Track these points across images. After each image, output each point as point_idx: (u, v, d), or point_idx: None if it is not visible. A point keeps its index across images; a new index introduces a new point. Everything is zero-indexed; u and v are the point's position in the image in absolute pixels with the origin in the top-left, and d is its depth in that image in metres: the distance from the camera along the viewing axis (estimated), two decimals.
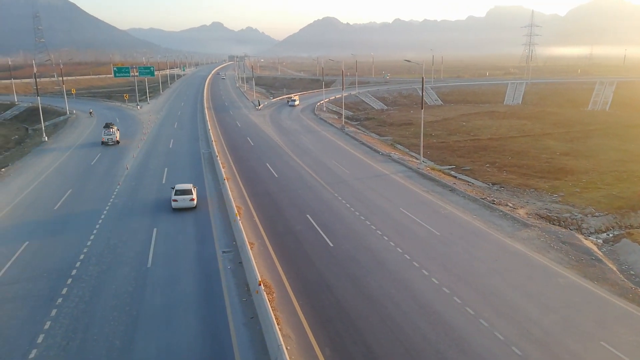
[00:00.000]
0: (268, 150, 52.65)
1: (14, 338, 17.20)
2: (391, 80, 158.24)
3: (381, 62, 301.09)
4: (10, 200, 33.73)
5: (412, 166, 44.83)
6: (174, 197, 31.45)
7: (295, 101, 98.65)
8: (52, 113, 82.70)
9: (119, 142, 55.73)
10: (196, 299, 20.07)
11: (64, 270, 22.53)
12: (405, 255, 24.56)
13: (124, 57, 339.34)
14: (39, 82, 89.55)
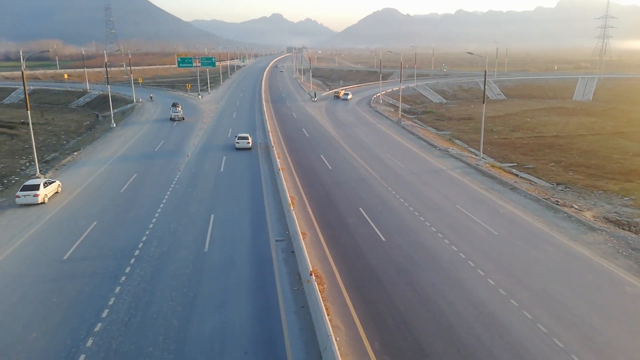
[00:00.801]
0: (323, 141, 52.84)
1: (82, 311, 18.38)
2: (451, 73, 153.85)
3: (442, 54, 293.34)
4: (82, 182, 35.95)
5: (471, 162, 43.48)
6: (237, 141, 47.66)
7: (348, 95, 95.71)
8: (120, 101, 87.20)
9: (184, 118, 66.53)
10: (249, 285, 20.57)
11: (127, 250, 23.79)
12: (460, 254, 23.91)
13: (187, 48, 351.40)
14: (109, 72, 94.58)
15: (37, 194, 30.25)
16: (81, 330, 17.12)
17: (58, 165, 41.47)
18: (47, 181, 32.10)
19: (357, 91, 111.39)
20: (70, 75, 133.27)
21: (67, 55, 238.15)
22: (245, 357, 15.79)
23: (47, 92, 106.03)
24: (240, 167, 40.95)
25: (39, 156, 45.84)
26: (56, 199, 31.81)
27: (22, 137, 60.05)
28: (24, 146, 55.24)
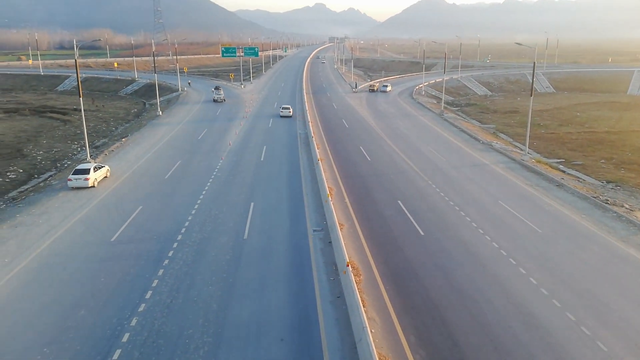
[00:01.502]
0: (362, 133, 52.58)
1: (127, 292, 19.22)
2: (497, 65, 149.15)
3: (488, 44, 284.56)
4: (129, 168, 37.35)
5: (515, 157, 42.19)
6: (281, 110, 60.01)
7: (387, 87, 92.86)
8: (166, 89, 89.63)
9: (225, 100, 74.35)
10: (287, 273, 20.88)
11: (171, 234, 24.61)
12: (501, 251, 23.37)
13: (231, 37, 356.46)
14: (156, 61, 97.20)
15: (87, 177, 31.69)
16: (126, 310, 17.91)
17: (107, 151, 43.21)
18: (97, 166, 33.55)
19: (399, 82, 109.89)
20: (119, 63, 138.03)
21: (117, 44, 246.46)
22: (281, 344, 16.10)
23: (98, 80, 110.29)
24: (280, 156, 41.39)
25: (90, 142, 47.87)
26: (105, 183, 33.22)
27: (74, 123, 62.86)
28: (76, 132, 57.84)
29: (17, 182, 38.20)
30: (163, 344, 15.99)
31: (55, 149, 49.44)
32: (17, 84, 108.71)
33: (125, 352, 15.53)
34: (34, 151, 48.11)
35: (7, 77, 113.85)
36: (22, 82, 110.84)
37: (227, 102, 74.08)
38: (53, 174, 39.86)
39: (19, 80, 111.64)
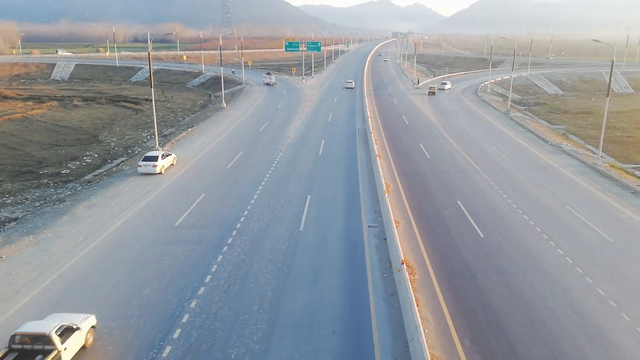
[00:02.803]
0: (423, 130, 51.60)
1: (188, 275, 20.11)
2: (571, 63, 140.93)
3: (562, 41, 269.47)
4: (194, 156, 38.91)
5: (587, 161, 39.81)
6: (346, 83, 79.25)
7: (446, 84, 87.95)
8: (231, 82, 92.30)
9: (275, 83, 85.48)
10: (341, 267, 20.99)
11: (231, 222, 25.44)
12: (566, 258, 22.22)
13: (294, 32, 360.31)
14: (222, 54, 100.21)
15: (155, 164, 33.37)
16: (187, 292, 18.76)
17: (174, 140, 45.22)
18: (164, 153, 35.22)
19: (463, 79, 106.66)
20: (188, 56, 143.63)
21: (186, 38, 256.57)
22: (332, 336, 16.25)
23: (167, 72, 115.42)
24: (338, 151, 41.52)
25: (159, 130, 50.30)
26: (171, 170, 34.83)
27: (145, 113, 66.28)
28: (146, 120, 60.99)
29: (93, 166, 40.92)
30: (219, 327, 16.62)
31: (127, 136, 52.40)
32: (95, 74, 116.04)
33: (184, 332, 16.29)
34: (108, 138, 51.28)
35: (87, 67, 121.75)
36: (99, 72, 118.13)
37: (288, 95, 75.17)
38: (124, 160, 42.32)
39: (97, 71, 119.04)
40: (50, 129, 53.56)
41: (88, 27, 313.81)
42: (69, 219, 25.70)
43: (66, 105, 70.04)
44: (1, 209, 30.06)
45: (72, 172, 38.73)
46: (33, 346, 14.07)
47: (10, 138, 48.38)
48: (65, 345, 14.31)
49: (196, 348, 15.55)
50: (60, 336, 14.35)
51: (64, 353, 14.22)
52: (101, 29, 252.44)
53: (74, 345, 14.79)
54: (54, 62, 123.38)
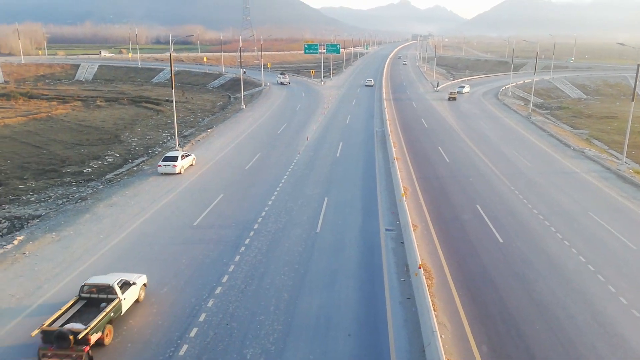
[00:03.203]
0: (442, 133, 51.18)
1: (206, 274, 20.29)
2: (595, 66, 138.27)
3: (586, 44, 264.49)
4: (213, 157, 39.27)
5: (611, 166, 38.97)
6: (366, 81, 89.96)
7: (464, 87, 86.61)
8: (250, 84, 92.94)
9: (289, 83, 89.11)
10: (357, 270, 20.93)
11: (248, 223, 25.59)
12: (588, 266, 21.77)
13: (313, 34, 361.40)
14: (242, 56, 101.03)
15: (175, 164, 33.78)
16: (204, 291, 18.93)
17: (194, 140, 45.72)
18: (184, 154, 35.64)
19: (484, 82, 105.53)
20: (208, 58, 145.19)
21: (207, 40, 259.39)
22: (348, 339, 16.20)
23: (188, 74, 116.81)
24: (356, 153, 41.45)
25: (179, 131, 50.93)
26: (191, 170, 35.22)
27: (165, 113, 67.19)
28: (167, 121, 61.80)
29: (114, 165, 41.63)
30: (236, 327, 16.72)
31: (148, 137, 53.18)
32: (117, 75, 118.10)
33: (201, 331, 16.43)
34: (130, 138, 52.11)
35: (110, 68, 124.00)
36: (122, 73, 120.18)
37: (306, 97, 75.35)
38: (145, 160, 42.95)
39: (120, 72, 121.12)
40: (74, 129, 54.68)
41: (111, 29, 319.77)
42: (91, 217, 26.18)
43: (89, 105, 71.47)
44: (25, 206, 30.79)
45: (94, 171, 39.47)
46: (98, 295, 16.67)
47: (35, 137, 49.54)
48: (125, 296, 16.84)
49: (212, 347, 15.67)
50: (121, 288, 16.90)
51: (124, 302, 16.76)
52: (124, 31, 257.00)
53: (131, 297, 17.37)
54: (78, 63, 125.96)
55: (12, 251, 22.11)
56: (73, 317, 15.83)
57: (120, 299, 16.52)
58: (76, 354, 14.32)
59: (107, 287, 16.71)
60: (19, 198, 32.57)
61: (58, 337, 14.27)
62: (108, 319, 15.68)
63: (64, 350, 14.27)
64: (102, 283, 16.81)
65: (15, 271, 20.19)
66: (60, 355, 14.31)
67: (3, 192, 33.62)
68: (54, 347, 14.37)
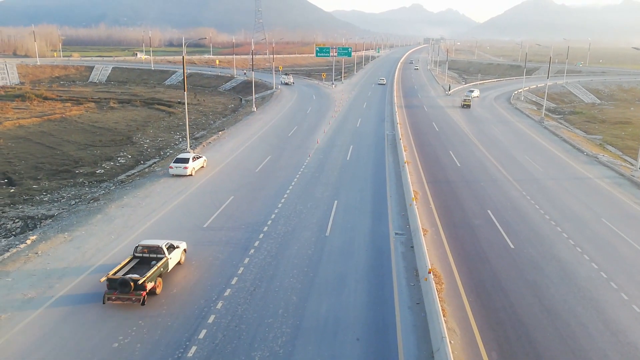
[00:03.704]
0: (453, 137, 50.91)
1: (215, 276, 20.37)
2: (610, 71, 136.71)
3: (600, 48, 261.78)
4: (224, 159, 39.47)
5: (625, 172, 38.46)
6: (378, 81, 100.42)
7: (473, 92, 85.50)
8: (261, 87, 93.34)
9: (293, 83, 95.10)
10: (366, 274, 20.87)
11: (258, 225, 25.67)
12: (601, 273, 21.49)
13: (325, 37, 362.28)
14: (253, 59, 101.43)
15: (186, 166, 34.01)
16: (213, 293, 19.00)
17: (205, 142, 46.00)
18: (195, 156, 35.85)
19: (497, 86, 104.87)
20: (220, 61, 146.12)
21: (219, 42, 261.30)
22: (356, 343, 16.15)
23: (200, 76, 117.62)
24: (366, 157, 41.40)
25: (190, 133, 51.27)
26: (202, 172, 35.43)
27: (177, 115, 67.71)
28: (178, 123, 62.27)
29: (126, 166, 42.03)
30: (244, 329, 16.76)
31: (159, 138, 53.62)
32: (131, 77, 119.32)
33: (210, 333, 16.49)
34: (142, 139, 52.58)
35: (123, 70, 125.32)
36: (135, 75, 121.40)
37: (317, 100, 75.48)
38: (156, 161, 43.30)
39: (133, 74, 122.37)
40: (87, 130, 55.33)
41: (125, 32, 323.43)
42: (102, 218, 26.45)
43: (102, 107, 72.28)
44: (38, 206, 31.20)
45: (106, 172, 39.88)
46: (149, 255, 19.95)
47: (49, 138, 50.22)
48: (171, 256, 20.00)
49: (221, 349, 15.72)
50: (167, 249, 20.07)
51: (170, 261, 19.88)
52: (138, 33, 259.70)
53: (175, 258, 20.52)
54: (93, 65, 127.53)
55: (25, 250, 22.41)
56: (129, 272, 18.80)
57: (167, 258, 19.68)
58: (135, 297, 17.66)
59: (157, 247, 19.92)
60: (32, 198, 33.01)
61: (121, 283, 17.67)
62: (159, 272, 18.92)
63: (126, 295, 17.68)
64: (152, 244, 20.06)
65: (27, 270, 20.45)
66: (123, 299, 17.72)
67: (17, 192, 34.11)
68: (117, 292, 17.74)
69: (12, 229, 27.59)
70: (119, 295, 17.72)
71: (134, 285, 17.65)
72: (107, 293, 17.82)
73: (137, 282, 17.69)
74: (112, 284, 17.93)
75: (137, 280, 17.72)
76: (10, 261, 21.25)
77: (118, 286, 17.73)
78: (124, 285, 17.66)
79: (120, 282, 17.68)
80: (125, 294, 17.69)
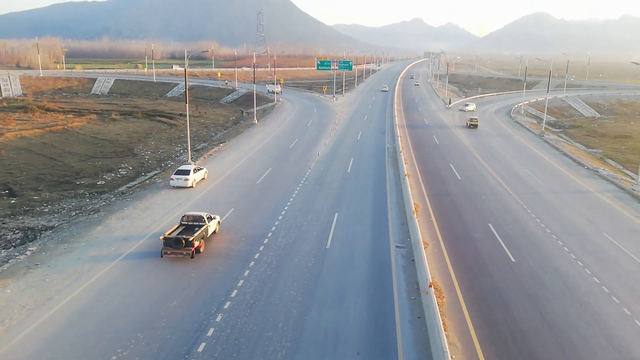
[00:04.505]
0: (453, 150, 51.01)
1: (215, 288, 20.26)
2: (609, 85, 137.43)
3: (600, 63, 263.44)
4: (224, 171, 39.51)
5: (625, 186, 38.43)
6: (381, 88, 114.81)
7: (467, 105, 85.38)
8: (262, 99, 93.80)
9: (281, 92, 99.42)
10: (367, 287, 20.75)
11: (258, 237, 25.60)
12: (602, 287, 21.36)
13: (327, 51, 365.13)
14: (255, 72, 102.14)
15: (187, 178, 34.04)
16: (212, 306, 18.88)
17: (206, 154, 46.09)
18: (196, 168, 35.91)
19: (497, 100, 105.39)
20: (222, 74, 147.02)
21: (221, 55, 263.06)
22: (357, 358, 16.00)
23: (202, 88, 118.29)
24: (366, 169, 41.44)
25: (191, 145, 51.40)
26: (203, 184, 35.44)
27: (179, 127, 67.96)
28: (180, 135, 62.48)
29: (127, 178, 42.08)
30: (244, 342, 16.62)
31: (161, 150, 53.76)
32: (133, 90, 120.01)
33: (209, 346, 16.35)
34: (143, 151, 52.72)
35: (125, 82, 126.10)
36: (137, 87, 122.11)
37: (318, 113, 75.71)
38: (157, 173, 43.36)
39: (135, 86, 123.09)
40: (89, 141, 55.51)
41: (128, 44, 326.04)
42: (103, 229, 26.40)
43: (104, 118, 72.61)
44: (39, 217, 31.17)
45: (107, 183, 39.92)
46: (193, 223, 24.57)
47: (51, 149, 50.37)
48: (210, 225, 24.79)
49: None
50: (207, 219, 24.73)
51: (209, 228, 24.81)
52: (141, 46, 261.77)
53: (212, 226, 25.34)
54: (95, 77, 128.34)
55: (24, 262, 22.34)
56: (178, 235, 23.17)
57: (207, 225, 24.40)
58: (186, 252, 22.32)
59: (200, 217, 24.63)
60: (33, 209, 33.01)
61: (175, 241, 22.30)
62: (202, 235, 23.65)
63: (178, 250, 22.32)
64: (196, 214, 24.81)
65: (26, 282, 20.36)
66: (176, 253, 22.42)
67: (18, 203, 34.12)
68: (172, 248, 22.37)
69: (12, 240, 27.55)
70: (173, 250, 22.31)
71: (185, 243, 22.26)
72: (163, 249, 22.50)
73: (187, 240, 22.32)
74: (167, 241, 22.45)
75: (188, 238, 22.36)
76: (9, 272, 21.17)
77: (172, 243, 22.30)
78: (177, 242, 22.22)
79: (175, 240, 22.25)
80: (177, 249, 22.27)
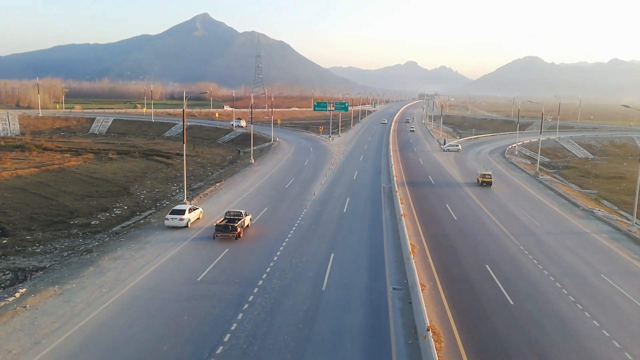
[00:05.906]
0: (449, 190, 51.18)
1: (207, 332, 19.74)
2: (601, 127, 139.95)
3: (590, 105, 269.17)
4: (220, 211, 39.27)
5: (621, 227, 38.43)
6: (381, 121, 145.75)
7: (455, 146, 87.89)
8: (259, 139, 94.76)
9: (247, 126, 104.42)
10: (363, 331, 20.28)
11: (252, 279, 25.21)
12: (602, 331, 20.97)
13: (323, 92, 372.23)
14: (252, 112, 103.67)
15: (182, 217, 33.84)
16: (205, 351, 18.34)
17: (202, 194, 46.03)
18: (192, 207, 35.76)
19: (491, 140, 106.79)
20: (220, 114, 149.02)
21: (220, 96, 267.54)
22: None
23: (200, 128, 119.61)
24: (363, 209, 41.37)
25: (188, 184, 51.38)
26: (198, 223, 35.20)
27: (175, 167, 68.18)
28: (176, 174, 62.58)
29: (121, 217, 41.78)
30: None
31: (156, 189, 53.68)
32: (130, 129, 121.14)
33: None
34: (139, 190, 52.63)
35: (124, 122, 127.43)
36: (135, 127, 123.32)
37: (315, 153, 76.40)
38: (152, 212, 43.09)
39: (133, 126, 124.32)
40: (85, 180, 55.45)
41: (128, 85, 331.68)
42: (94, 270, 25.97)
43: (101, 157, 72.86)
44: (30, 258, 30.69)
45: (101, 223, 39.59)
46: (234, 217, 33.18)
47: (46, 188, 50.21)
48: (245, 219, 33.57)
49: None
50: (244, 215, 33.64)
51: (245, 220, 33.53)
52: (140, 87, 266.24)
53: (247, 220, 34.16)
54: (94, 117, 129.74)
55: (13, 304, 21.82)
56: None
57: (244, 218, 33.27)
58: (232, 234, 31.06)
59: (239, 212, 33.61)
60: (24, 249, 32.55)
61: (224, 226, 31.14)
62: (241, 225, 32.21)
63: (227, 233, 31.04)
64: (236, 211, 33.91)
65: (14, 325, 19.82)
66: (225, 236, 31.16)
67: (9, 243, 33.66)
68: (221, 232, 31.12)
69: (2, 281, 27.01)
70: (223, 233, 31.03)
71: (231, 228, 30.89)
72: (215, 233, 31.36)
73: (233, 225, 31.03)
74: (218, 227, 31.23)
75: (234, 224, 31.12)
76: None
77: (222, 228, 31.01)
78: (225, 227, 31.01)
79: (224, 226, 31.07)
80: (226, 233, 30.98)
